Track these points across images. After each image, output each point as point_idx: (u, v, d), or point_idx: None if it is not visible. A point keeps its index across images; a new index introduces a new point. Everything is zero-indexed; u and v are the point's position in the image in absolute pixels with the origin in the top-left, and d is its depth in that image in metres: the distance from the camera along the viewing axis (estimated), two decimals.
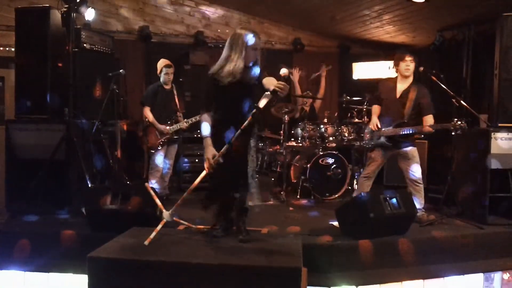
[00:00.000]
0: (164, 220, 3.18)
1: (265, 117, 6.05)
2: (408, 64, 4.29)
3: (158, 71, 5.17)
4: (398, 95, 4.37)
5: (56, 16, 4.60)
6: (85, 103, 4.86)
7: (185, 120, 5.15)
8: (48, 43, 4.56)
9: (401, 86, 4.38)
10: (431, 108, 4.27)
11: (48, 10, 4.58)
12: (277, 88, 2.91)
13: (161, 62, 5.18)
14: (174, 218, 3.32)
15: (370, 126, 4.50)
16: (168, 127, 5.07)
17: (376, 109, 4.53)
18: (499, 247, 3.93)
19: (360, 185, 4.56)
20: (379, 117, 4.47)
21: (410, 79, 4.36)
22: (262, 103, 2.97)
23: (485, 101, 5.60)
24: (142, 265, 2.79)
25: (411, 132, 4.23)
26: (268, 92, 2.94)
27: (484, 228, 4.06)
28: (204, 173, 3.18)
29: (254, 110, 2.99)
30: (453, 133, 4.16)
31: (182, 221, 3.57)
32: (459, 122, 4.02)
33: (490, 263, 3.85)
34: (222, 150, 3.09)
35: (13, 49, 5.14)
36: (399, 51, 4.49)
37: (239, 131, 3.02)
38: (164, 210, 3.26)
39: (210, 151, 3.15)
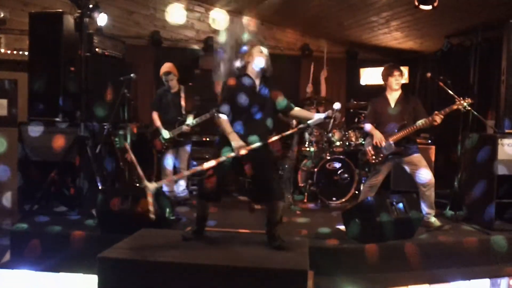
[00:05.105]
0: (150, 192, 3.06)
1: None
2: (397, 78, 4.37)
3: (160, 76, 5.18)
4: (393, 105, 4.40)
5: (69, 21, 4.67)
6: (97, 106, 4.92)
7: (186, 123, 5.03)
8: (61, 48, 4.65)
9: (392, 97, 4.43)
10: (426, 112, 4.30)
11: (61, 15, 4.67)
12: (332, 115, 3.30)
13: (161, 68, 5.14)
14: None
15: (374, 142, 4.34)
16: (167, 132, 5.01)
17: (371, 126, 4.45)
18: (506, 253, 3.93)
19: (364, 193, 4.53)
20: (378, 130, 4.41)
21: (400, 90, 4.43)
22: (313, 122, 3.37)
23: (492, 107, 5.60)
24: (151, 265, 2.83)
25: (422, 125, 4.16)
26: (322, 117, 3.30)
27: (490, 233, 4.06)
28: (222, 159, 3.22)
29: (302, 125, 3.44)
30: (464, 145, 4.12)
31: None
32: (465, 100, 4.11)
33: (496, 268, 3.85)
34: (253, 146, 3.15)
35: (26, 53, 5.24)
36: (388, 65, 4.52)
37: (279, 136, 3.26)
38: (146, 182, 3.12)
39: (239, 141, 3.16)
